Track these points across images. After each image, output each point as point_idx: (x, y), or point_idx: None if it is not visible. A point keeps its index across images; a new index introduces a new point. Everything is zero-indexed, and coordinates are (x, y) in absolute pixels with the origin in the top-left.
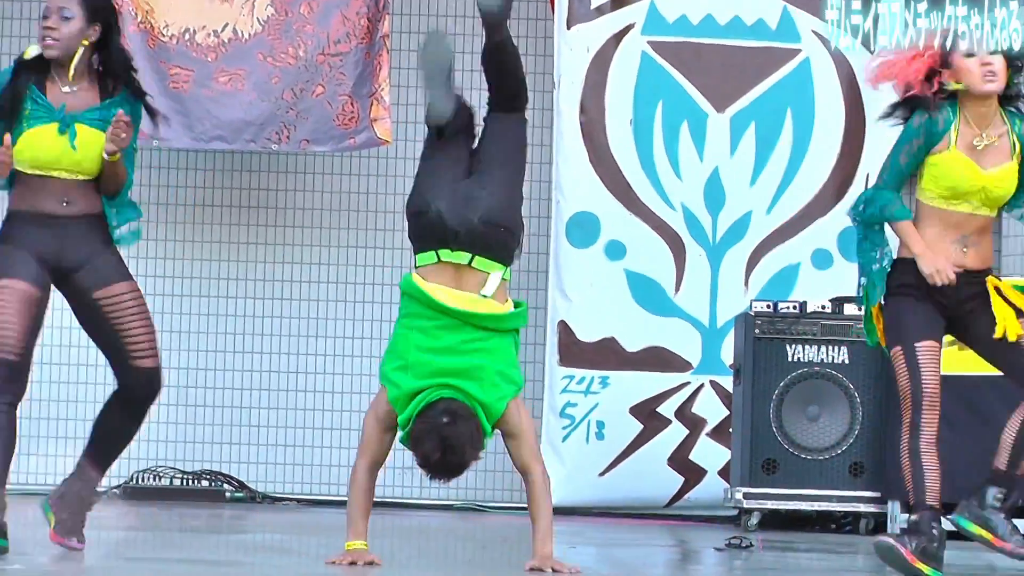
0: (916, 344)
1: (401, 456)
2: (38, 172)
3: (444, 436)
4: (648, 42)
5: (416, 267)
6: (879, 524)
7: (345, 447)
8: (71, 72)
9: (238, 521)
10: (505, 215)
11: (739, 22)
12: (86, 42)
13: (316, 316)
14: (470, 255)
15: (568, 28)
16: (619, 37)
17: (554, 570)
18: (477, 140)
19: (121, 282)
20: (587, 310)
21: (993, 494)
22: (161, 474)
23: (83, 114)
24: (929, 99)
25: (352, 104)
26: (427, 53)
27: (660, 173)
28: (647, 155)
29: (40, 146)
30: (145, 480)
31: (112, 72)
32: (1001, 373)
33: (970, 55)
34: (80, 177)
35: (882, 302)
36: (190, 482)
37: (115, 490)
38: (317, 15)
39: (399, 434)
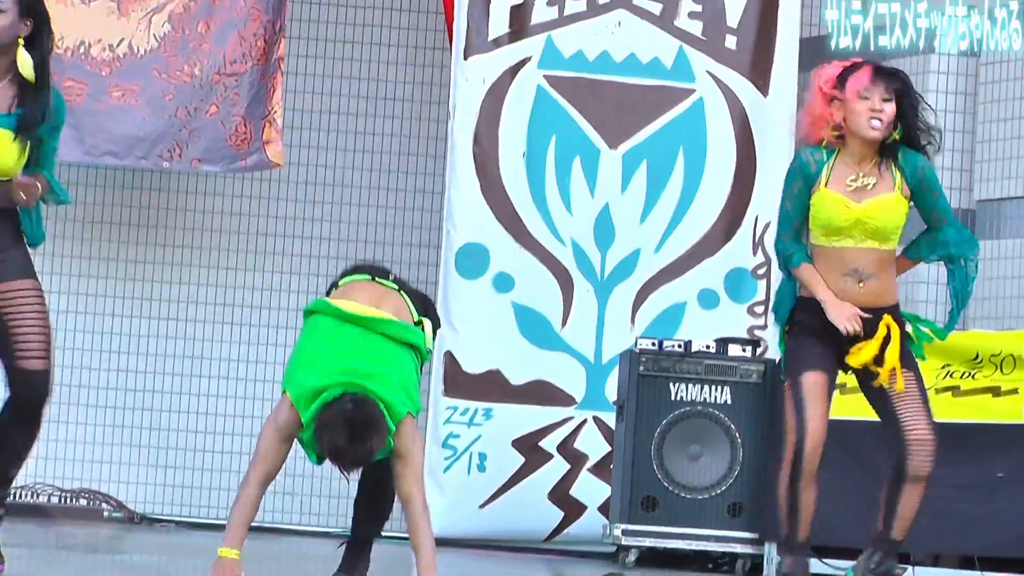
0: (801, 377)
1: (282, 481)
2: None
3: (349, 419)
4: (544, 76)
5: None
6: (755, 565)
7: (226, 470)
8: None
9: (115, 541)
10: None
11: (635, 60)
12: (20, 40)
13: (201, 338)
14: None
15: (465, 59)
16: (515, 70)
17: None
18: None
19: (23, 279)
20: (473, 341)
21: (869, 557)
22: (39, 491)
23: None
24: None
25: (245, 125)
26: None
27: (551, 207)
28: (539, 189)
29: None
30: (22, 497)
31: (34, 76)
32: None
33: (864, 98)
34: None
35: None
36: (68, 500)
37: None
38: (214, 34)
39: (300, 436)
